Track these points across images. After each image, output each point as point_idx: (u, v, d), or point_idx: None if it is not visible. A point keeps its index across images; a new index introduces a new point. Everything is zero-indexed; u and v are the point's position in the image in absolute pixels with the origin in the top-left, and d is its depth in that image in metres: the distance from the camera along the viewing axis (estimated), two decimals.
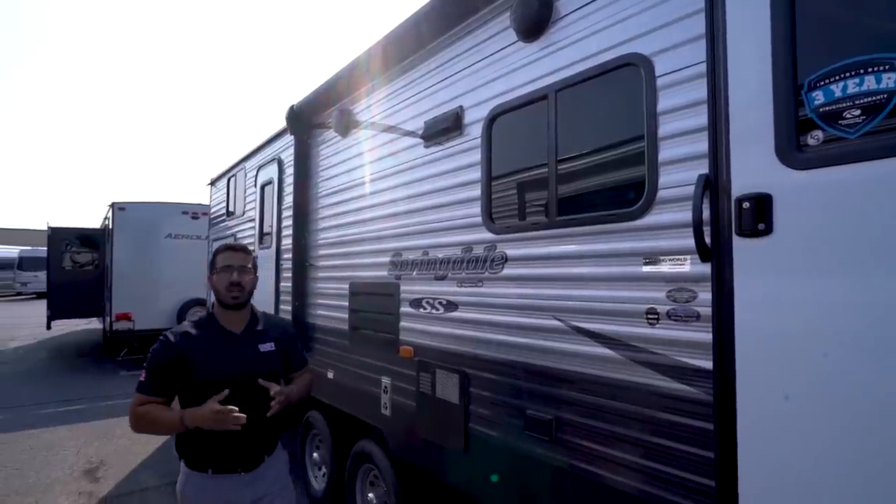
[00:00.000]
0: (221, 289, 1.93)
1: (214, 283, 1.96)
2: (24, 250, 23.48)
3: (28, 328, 13.44)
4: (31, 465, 4.57)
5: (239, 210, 5.45)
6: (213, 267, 1.98)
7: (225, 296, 1.94)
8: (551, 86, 1.96)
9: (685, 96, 1.54)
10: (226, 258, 1.96)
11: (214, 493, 1.86)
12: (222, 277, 1.93)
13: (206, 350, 1.89)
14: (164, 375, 1.84)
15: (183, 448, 1.90)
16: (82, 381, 7.83)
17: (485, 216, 2.22)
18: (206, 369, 1.85)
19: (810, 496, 1.19)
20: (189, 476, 1.89)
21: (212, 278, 1.98)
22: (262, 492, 1.93)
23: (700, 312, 1.45)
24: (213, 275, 1.97)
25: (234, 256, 1.98)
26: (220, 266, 1.95)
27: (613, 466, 1.66)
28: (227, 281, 1.93)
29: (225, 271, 1.94)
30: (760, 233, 1.29)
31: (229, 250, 2.00)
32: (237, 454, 1.88)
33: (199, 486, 1.87)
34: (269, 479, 1.96)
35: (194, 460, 1.88)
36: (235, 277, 1.93)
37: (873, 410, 1.11)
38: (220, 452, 1.86)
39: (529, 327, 1.99)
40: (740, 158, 1.35)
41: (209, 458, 1.86)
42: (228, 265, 1.94)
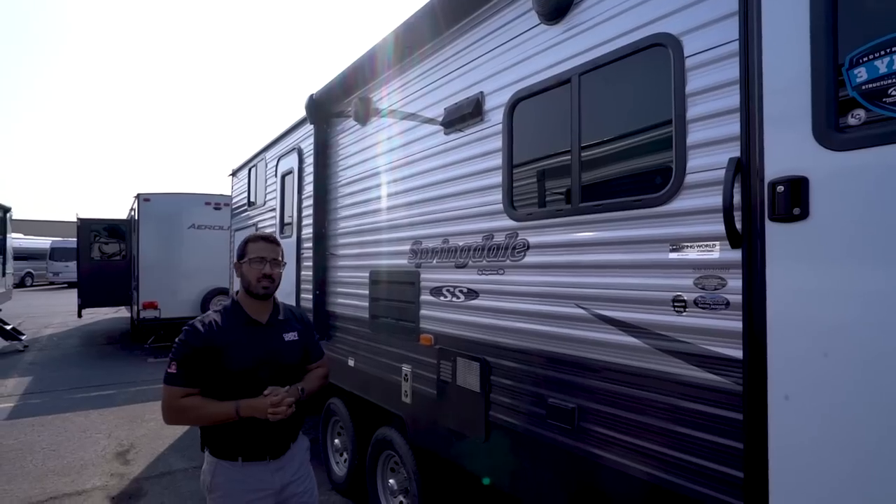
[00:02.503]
0: (252, 279, 1.92)
1: (245, 272, 1.94)
2: (56, 241, 24.23)
3: (61, 316, 13.91)
4: (67, 447, 4.75)
5: (260, 200, 5.51)
6: (244, 256, 1.95)
7: (256, 286, 1.92)
8: (575, 69, 1.91)
9: (716, 76, 1.49)
10: (259, 249, 1.94)
11: (245, 481, 1.87)
12: (254, 268, 1.92)
13: (235, 339, 1.88)
14: (196, 366, 1.81)
15: (211, 438, 1.90)
16: (112, 368, 8.08)
17: (506, 203, 2.19)
18: (236, 358, 1.85)
19: (844, 489, 1.16)
20: (218, 466, 1.88)
21: (241, 267, 1.95)
22: (289, 478, 1.96)
23: (729, 300, 1.41)
24: (244, 264, 1.95)
25: (267, 248, 1.96)
26: (253, 256, 1.93)
27: (637, 456, 1.64)
28: (259, 272, 1.92)
29: (257, 262, 1.92)
30: (795, 217, 1.24)
31: (262, 241, 1.98)
32: (266, 442, 1.90)
33: (230, 475, 1.87)
34: (295, 465, 2.00)
35: (224, 450, 1.88)
36: (268, 270, 1.93)
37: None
38: (250, 441, 1.87)
39: (552, 315, 1.96)
40: (774, 140, 1.30)
41: (239, 446, 1.87)
42: (262, 256, 1.93)
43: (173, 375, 1.80)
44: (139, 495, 3.82)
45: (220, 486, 1.87)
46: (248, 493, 1.87)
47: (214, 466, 1.88)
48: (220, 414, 1.80)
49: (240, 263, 1.97)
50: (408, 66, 2.95)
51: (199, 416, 1.81)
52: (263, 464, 1.90)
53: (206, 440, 1.92)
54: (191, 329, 1.86)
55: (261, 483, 1.89)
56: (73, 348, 9.79)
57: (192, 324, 1.88)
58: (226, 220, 8.46)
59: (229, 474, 1.87)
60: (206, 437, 1.92)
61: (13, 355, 9.17)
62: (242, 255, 1.96)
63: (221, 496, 1.87)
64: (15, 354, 9.22)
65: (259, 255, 1.93)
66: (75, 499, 3.76)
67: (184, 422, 1.88)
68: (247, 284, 1.94)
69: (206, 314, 1.95)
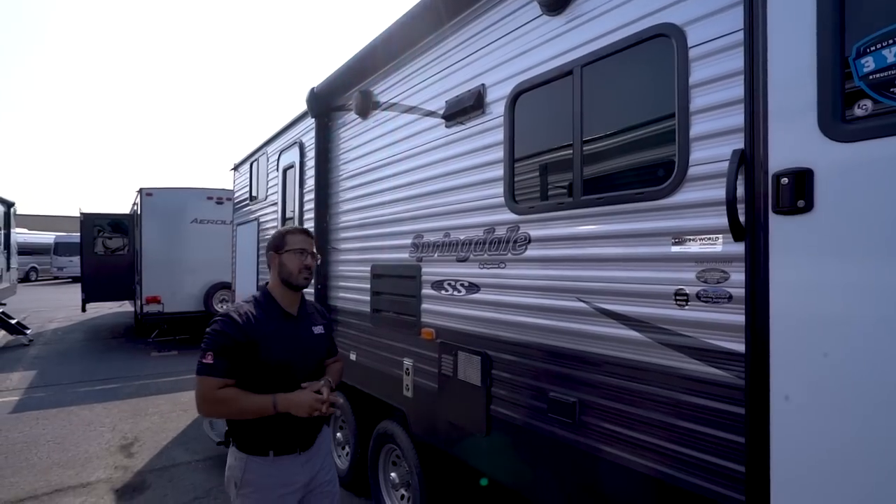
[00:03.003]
0: (294, 269, 1.92)
1: (285, 261, 1.93)
2: (60, 236, 24.34)
3: (65, 310, 13.98)
4: (71, 440, 4.78)
5: (262, 194, 5.50)
6: (283, 247, 1.95)
7: (297, 277, 1.93)
8: (577, 61, 1.89)
9: (720, 67, 1.47)
10: (299, 241, 1.97)
11: (276, 475, 1.85)
12: (295, 259, 1.93)
13: (271, 331, 1.85)
14: (233, 357, 1.76)
15: (241, 433, 1.86)
16: (116, 362, 8.13)
17: (507, 197, 2.18)
18: (272, 350, 1.82)
19: (845, 483, 1.15)
20: (249, 461, 1.84)
21: (279, 257, 1.94)
22: (317, 468, 1.98)
23: (732, 294, 1.40)
24: (283, 254, 1.94)
25: (307, 240, 1.99)
26: (294, 248, 1.94)
27: (638, 450, 1.63)
28: (301, 263, 1.93)
29: (299, 253, 1.94)
30: (800, 210, 1.23)
31: (301, 234, 2.00)
32: (297, 435, 1.89)
33: (262, 470, 1.84)
34: (321, 457, 2.02)
35: (255, 444, 1.84)
36: (308, 261, 1.96)
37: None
38: (282, 434, 1.85)
39: (553, 309, 1.96)
40: (779, 132, 1.28)
41: (271, 440, 1.84)
42: (303, 248, 1.95)
43: (210, 366, 1.74)
44: (143, 488, 3.84)
45: (251, 483, 1.83)
46: (279, 488, 1.85)
47: (245, 462, 1.84)
48: (258, 408, 1.76)
49: (277, 254, 1.95)
50: (409, 58, 2.93)
51: (237, 409, 1.76)
52: (294, 457, 1.89)
53: (234, 435, 1.89)
54: (227, 320, 1.81)
55: (291, 476, 1.88)
56: (78, 342, 9.84)
57: (227, 314, 1.84)
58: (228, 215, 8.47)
59: (261, 470, 1.84)
60: (236, 431, 1.88)
61: (18, 349, 9.23)
62: (280, 246, 1.96)
63: (253, 492, 1.83)
64: (20, 348, 9.28)
65: (300, 246, 1.95)
66: (80, 491, 3.78)
67: (220, 414, 1.82)
68: (287, 275, 1.93)
69: (239, 305, 1.92)
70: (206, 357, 1.75)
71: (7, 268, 11.90)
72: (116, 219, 11.40)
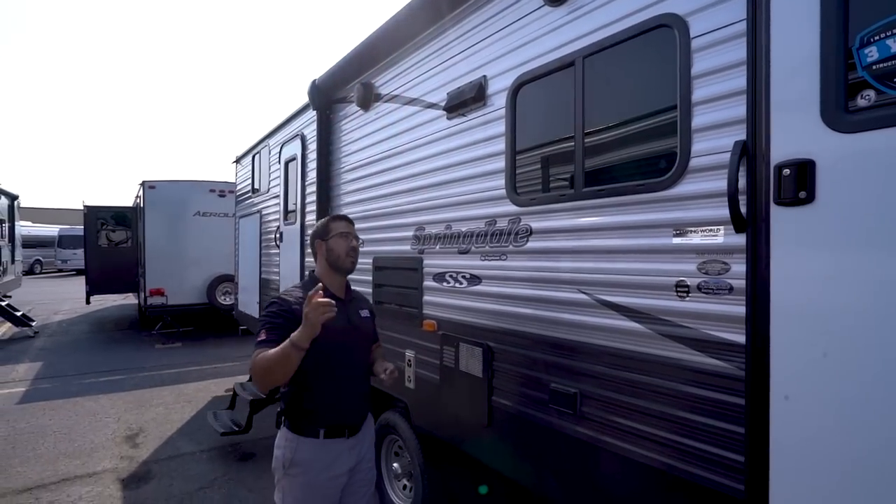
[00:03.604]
0: (342, 252, 1.99)
1: (332, 246, 1.99)
2: (64, 229, 24.39)
3: (70, 303, 14.07)
4: (77, 431, 4.83)
5: (264, 187, 5.51)
6: (328, 233, 2.01)
7: (345, 260, 1.99)
8: (579, 52, 1.88)
9: (722, 58, 1.46)
10: (343, 226, 2.04)
11: (325, 458, 1.88)
12: (342, 242, 1.99)
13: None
14: (286, 333, 1.74)
15: (294, 414, 1.91)
16: (120, 353, 8.18)
17: (509, 189, 2.18)
18: (326, 334, 1.77)
19: (845, 474, 1.16)
20: (300, 442, 1.88)
21: (326, 244, 2.00)
22: (362, 454, 2.02)
23: (733, 285, 1.40)
24: (329, 240, 2.00)
25: (349, 226, 2.05)
26: (340, 232, 2.01)
27: (639, 440, 1.64)
28: (348, 246, 1.99)
29: (345, 238, 2.00)
30: (801, 201, 1.23)
31: (343, 219, 2.07)
32: (345, 416, 1.94)
33: (312, 450, 1.88)
34: (366, 444, 2.06)
35: (307, 426, 1.89)
36: (355, 244, 2.03)
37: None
38: (332, 415, 1.90)
39: (554, 301, 1.96)
40: (781, 122, 1.28)
41: (322, 422, 1.89)
42: (348, 232, 2.02)
43: (261, 342, 1.76)
44: (148, 477, 3.89)
45: (301, 463, 1.87)
46: (326, 471, 1.88)
47: (296, 443, 1.88)
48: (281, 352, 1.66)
49: (323, 241, 2.02)
50: (410, 50, 2.92)
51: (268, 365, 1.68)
52: (342, 441, 1.92)
53: (288, 414, 1.93)
54: (281, 301, 1.88)
55: (338, 460, 1.91)
56: (83, 334, 9.91)
57: (281, 297, 1.91)
58: (230, 208, 8.48)
59: (311, 451, 1.87)
60: (290, 411, 1.92)
61: (24, 341, 9.30)
62: (325, 233, 2.02)
63: (302, 472, 1.86)
64: (26, 340, 9.35)
65: (346, 230, 2.03)
66: (86, 481, 3.83)
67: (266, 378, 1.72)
68: (335, 259, 1.99)
69: (291, 290, 1.97)
70: (260, 335, 1.80)
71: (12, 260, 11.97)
72: (119, 211, 11.42)
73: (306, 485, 1.87)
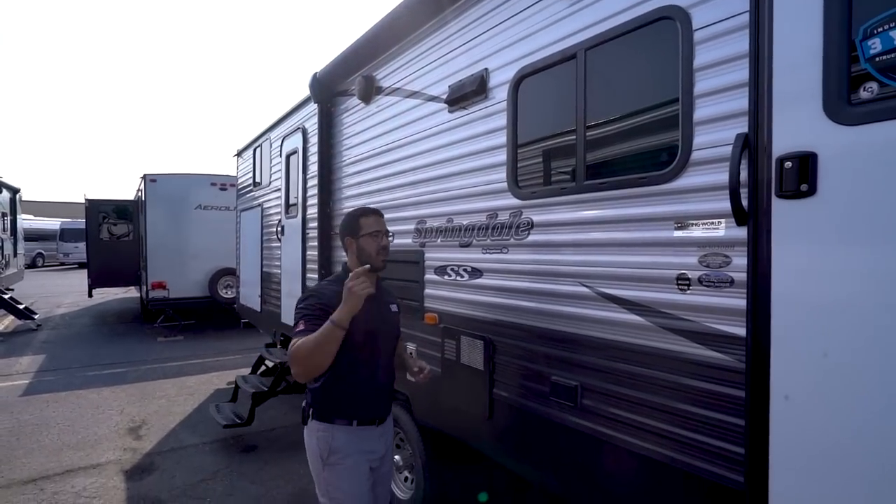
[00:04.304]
0: (373, 252, 1.96)
1: (363, 245, 1.96)
2: (65, 222, 24.43)
3: (72, 296, 14.11)
4: (80, 423, 4.86)
5: (265, 180, 5.50)
6: (358, 231, 1.97)
7: (376, 259, 1.96)
8: (580, 44, 1.88)
9: (724, 50, 1.45)
10: (373, 223, 1.99)
11: (359, 444, 1.92)
12: (372, 241, 1.96)
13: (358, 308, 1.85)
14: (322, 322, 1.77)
15: (326, 403, 1.92)
16: (123, 346, 8.22)
17: (510, 182, 2.18)
18: (356, 323, 1.81)
19: (844, 467, 1.16)
20: (334, 430, 1.90)
21: (357, 241, 1.97)
22: (388, 443, 2.07)
23: (734, 278, 1.40)
24: (359, 238, 1.97)
25: (380, 221, 2.01)
26: (371, 231, 1.97)
27: (639, 433, 1.65)
28: (378, 245, 1.96)
29: (375, 236, 1.96)
30: (803, 194, 1.23)
31: (374, 214, 2.02)
32: (376, 406, 1.98)
33: (347, 437, 1.90)
34: (390, 434, 2.10)
35: (339, 412, 1.90)
36: (385, 242, 1.99)
37: None
38: (363, 405, 1.93)
39: (555, 294, 1.97)
40: (783, 115, 1.28)
41: (355, 410, 1.92)
42: (378, 230, 1.98)
43: (299, 332, 1.79)
44: (151, 469, 3.92)
45: (340, 449, 1.89)
46: (365, 455, 1.93)
47: (331, 431, 1.90)
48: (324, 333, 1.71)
49: (354, 239, 1.98)
50: (411, 43, 2.91)
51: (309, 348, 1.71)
52: (372, 428, 1.96)
53: (317, 406, 1.93)
54: (318, 294, 1.90)
55: (371, 446, 1.96)
56: (85, 327, 9.95)
57: (317, 291, 1.93)
58: (232, 201, 8.47)
59: (347, 436, 1.90)
60: (319, 402, 1.92)
61: (27, 333, 9.34)
62: (356, 230, 1.98)
63: (344, 457, 1.89)
64: (28, 333, 9.40)
65: (375, 228, 1.98)
66: (90, 472, 3.86)
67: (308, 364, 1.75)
68: (367, 258, 1.95)
69: (323, 284, 2.00)
70: (297, 326, 1.82)
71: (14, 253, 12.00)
72: (121, 205, 11.43)
73: (350, 469, 1.89)
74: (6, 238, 11.23)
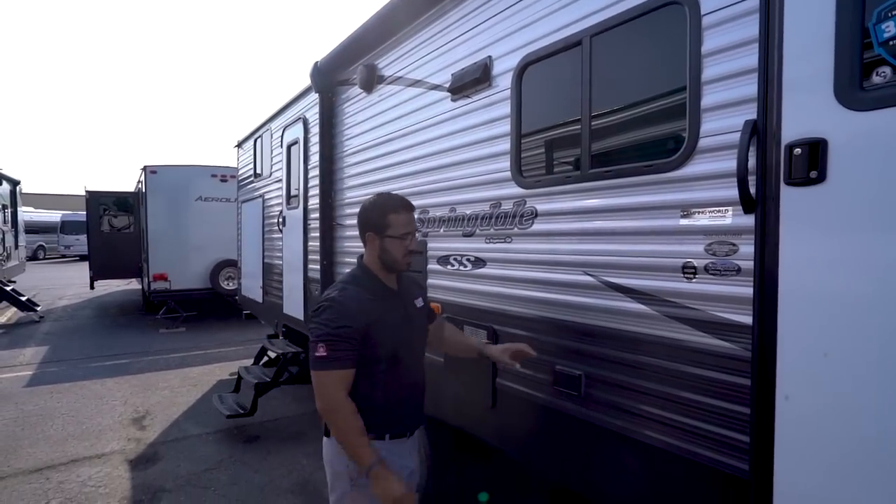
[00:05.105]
0: (399, 256, 1.73)
1: (388, 247, 1.72)
2: (66, 214, 24.41)
3: (74, 288, 14.14)
4: (84, 413, 4.89)
5: (266, 171, 5.48)
6: (385, 229, 1.71)
7: (401, 264, 1.74)
8: (586, 31, 1.85)
9: (733, 35, 1.43)
10: (404, 222, 1.73)
11: (392, 460, 1.69)
12: (399, 246, 1.72)
13: (383, 313, 1.70)
14: (354, 345, 1.61)
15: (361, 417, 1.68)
16: (125, 338, 8.25)
17: (514, 171, 2.16)
18: (387, 333, 1.68)
19: (849, 456, 1.16)
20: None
21: (381, 241, 1.72)
22: (418, 457, 1.91)
23: (741, 266, 1.39)
24: (385, 238, 1.72)
25: (411, 218, 1.76)
26: (400, 233, 1.72)
27: (643, 421, 1.65)
28: (405, 248, 1.73)
29: (404, 238, 1.72)
30: (812, 181, 1.21)
31: (406, 210, 1.75)
32: (409, 415, 1.79)
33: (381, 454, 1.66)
34: (422, 442, 1.95)
35: (371, 429, 1.66)
36: (412, 245, 1.75)
37: None
38: (397, 415, 1.74)
39: (559, 283, 1.96)
40: (793, 101, 1.26)
41: (387, 423, 1.71)
42: (408, 232, 1.74)
43: (324, 359, 1.58)
44: (156, 459, 3.94)
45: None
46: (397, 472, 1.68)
47: None
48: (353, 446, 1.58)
49: (381, 237, 1.72)
50: (414, 31, 2.87)
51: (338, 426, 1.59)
52: (405, 440, 1.77)
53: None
54: (333, 305, 1.64)
55: (402, 460, 1.76)
56: (88, 319, 9.98)
57: (332, 301, 1.65)
58: (232, 193, 8.45)
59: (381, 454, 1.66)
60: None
61: (29, 325, 9.37)
62: (382, 227, 1.72)
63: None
64: (31, 325, 9.43)
65: (406, 230, 1.73)
66: (95, 462, 3.89)
67: (329, 420, 1.63)
68: (391, 262, 1.74)
69: (344, 287, 1.71)
70: (318, 349, 1.59)
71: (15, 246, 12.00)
72: (121, 197, 11.41)
73: None
74: (7, 230, 11.22)
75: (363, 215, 1.78)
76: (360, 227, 1.80)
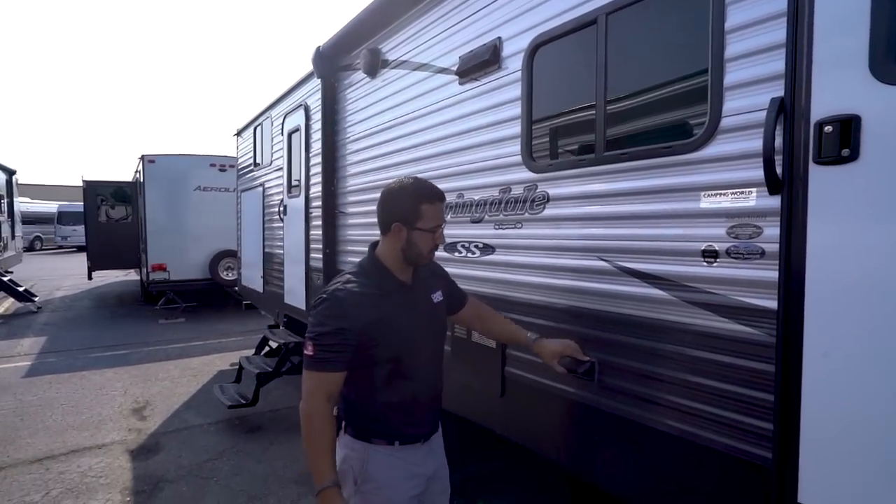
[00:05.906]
0: (426, 251, 1.58)
1: (416, 240, 1.56)
2: (63, 205, 24.24)
3: (71, 279, 14.06)
4: (84, 404, 4.86)
5: (266, 160, 5.41)
6: (416, 221, 1.55)
7: (426, 258, 1.60)
8: (601, 8, 1.79)
9: (760, 10, 1.38)
10: (436, 213, 1.58)
11: (402, 467, 1.59)
12: (429, 239, 1.57)
13: (392, 311, 1.55)
14: (347, 346, 1.48)
15: (360, 419, 1.60)
16: (124, 328, 8.21)
17: (525, 155, 2.11)
18: (391, 333, 1.54)
19: (879, 444, 1.13)
20: (371, 452, 1.57)
21: (409, 233, 1.55)
22: (438, 461, 1.73)
23: (765, 249, 1.35)
24: (414, 231, 1.55)
25: (442, 209, 1.61)
26: (432, 226, 1.56)
27: (661, 409, 1.62)
28: (433, 243, 1.59)
29: (432, 233, 1.57)
30: (844, 160, 1.17)
31: (439, 201, 1.59)
32: (422, 420, 1.65)
33: (387, 461, 1.58)
34: (440, 448, 1.78)
35: (376, 433, 1.57)
36: (441, 238, 1.61)
37: None
38: (408, 420, 1.60)
39: (572, 269, 1.92)
40: (824, 76, 1.21)
41: (396, 428, 1.59)
42: (439, 224, 1.59)
43: (311, 359, 1.47)
44: (157, 449, 3.91)
45: (375, 477, 1.56)
46: (406, 482, 1.59)
47: (366, 453, 1.57)
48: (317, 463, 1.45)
49: (409, 229, 1.55)
50: (419, 12, 2.81)
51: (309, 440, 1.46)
52: (418, 446, 1.63)
53: (350, 419, 1.62)
54: (334, 298, 1.50)
55: (416, 468, 1.62)
56: (86, 309, 9.93)
57: (334, 294, 1.50)
58: (231, 183, 8.38)
59: (387, 461, 1.57)
60: (353, 415, 1.61)
61: (27, 316, 9.32)
62: (413, 219, 1.55)
63: (378, 488, 1.56)
64: (29, 315, 9.38)
65: (436, 223, 1.58)
66: (96, 452, 3.86)
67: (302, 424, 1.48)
68: (414, 256, 1.58)
69: (347, 280, 1.55)
70: (307, 347, 1.49)
71: (12, 236, 11.91)
72: (119, 187, 11.31)
73: (386, 501, 1.57)
74: (3, 220, 11.12)
75: (390, 202, 1.59)
76: (383, 214, 1.60)
